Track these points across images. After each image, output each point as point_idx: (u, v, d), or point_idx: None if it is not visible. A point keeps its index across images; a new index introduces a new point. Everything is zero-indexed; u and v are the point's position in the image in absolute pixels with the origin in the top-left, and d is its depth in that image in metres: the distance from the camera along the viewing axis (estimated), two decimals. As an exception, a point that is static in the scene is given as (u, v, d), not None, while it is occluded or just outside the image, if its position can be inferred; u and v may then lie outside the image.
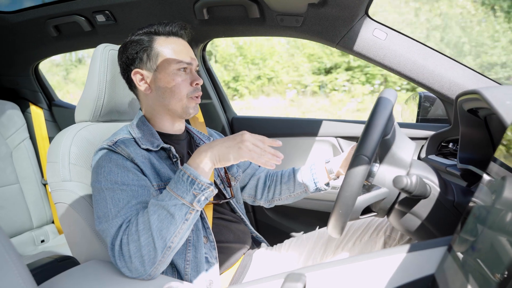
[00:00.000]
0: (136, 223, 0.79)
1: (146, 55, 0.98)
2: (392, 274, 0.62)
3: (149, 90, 0.99)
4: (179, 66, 0.97)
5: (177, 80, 0.97)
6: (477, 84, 1.22)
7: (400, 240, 1.03)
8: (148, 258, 0.77)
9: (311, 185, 1.15)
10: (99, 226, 0.85)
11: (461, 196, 0.77)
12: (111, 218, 0.82)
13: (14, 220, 1.82)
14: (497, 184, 0.53)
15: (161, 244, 0.77)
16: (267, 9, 1.33)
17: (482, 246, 0.50)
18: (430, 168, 0.81)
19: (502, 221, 0.47)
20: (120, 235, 0.79)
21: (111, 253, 0.79)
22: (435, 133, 1.40)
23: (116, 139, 0.94)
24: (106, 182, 0.86)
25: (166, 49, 0.98)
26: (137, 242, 0.77)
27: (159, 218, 0.77)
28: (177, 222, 0.77)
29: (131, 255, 0.77)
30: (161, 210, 0.77)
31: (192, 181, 0.78)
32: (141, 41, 0.99)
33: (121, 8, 1.45)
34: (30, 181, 1.94)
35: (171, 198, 0.78)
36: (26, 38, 1.74)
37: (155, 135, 0.99)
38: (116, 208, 0.83)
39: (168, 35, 1.00)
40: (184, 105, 0.99)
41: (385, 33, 1.26)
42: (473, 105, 0.84)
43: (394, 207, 0.80)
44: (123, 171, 0.87)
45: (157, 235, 0.76)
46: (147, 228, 0.77)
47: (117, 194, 0.84)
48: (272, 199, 1.23)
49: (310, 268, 0.66)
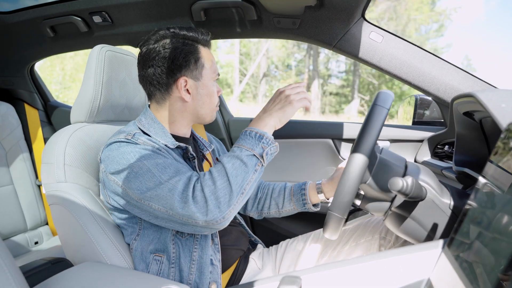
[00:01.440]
0: (210, 172, 0.83)
1: (193, 63, 0.97)
2: (388, 277, 0.62)
3: (189, 98, 0.98)
4: (215, 77, 1.03)
5: (214, 91, 1.02)
6: (473, 87, 1.22)
7: (395, 242, 1.03)
8: (224, 200, 0.80)
9: (299, 205, 1.15)
10: (151, 192, 0.82)
11: (457, 198, 0.77)
12: (165, 180, 0.82)
13: (7, 222, 1.80)
14: (493, 186, 0.53)
15: (237, 188, 0.81)
16: (264, 11, 1.33)
17: (478, 249, 0.50)
18: (426, 170, 0.82)
19: (497, 223, 0.47)
20: (190, 185, 0.81)
21: (183, 203, 0.79)
22: (431, 136, 1.41)
23: (132, 132, 0.93)
24: (142, 159, 0.85)
25: (209, 60, 1.01)
26: (213, 187, 0.80)
27: (233, 166, 0.82)
28: (249, 171, 0.83)
29: (207, 198, 0.79)
30: (235, 160, 0.82)
31: (260, 136, 0.85)
32: (190, 49, 0.97)
33: (117, 9, 1.45)
34: (25, 182, 1.92)
35: (242, 151, 0.84)
36: (22, 38, 1.73)
37: (167, 134, 0.98)
38: (166, 173, 0.83)
39: (205, 45, 1.02)
40: (213, 113, 1.05)
41: (381, 36, 1.27)
42: (468, 108, 0.85)
43: (390, 210, 0.80)
44: (152, 154, 0.87)
45: (233, 179, 0.81)
46: (222, 174, 0.81)
47: (160, 164, 0.84)
48: (261, 212, 1.22)
49: (305, 271, 0.66)
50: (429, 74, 1.26)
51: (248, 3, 1.31)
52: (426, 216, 0.77)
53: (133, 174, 0.84)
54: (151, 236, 0.93)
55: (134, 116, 1.23)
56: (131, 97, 1.17)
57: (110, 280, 0.78)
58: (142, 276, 0.85)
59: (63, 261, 1.05)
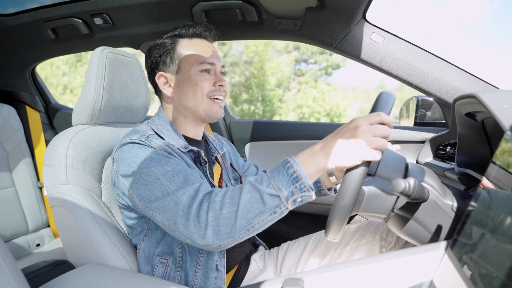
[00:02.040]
0: (223, 194, 0.74)
1: (169, 58, 0.98)
2: (391, 279, 0.62)
3: (173, 93, 0.99)
4: (201, 67, 0.96)
5: (199, 81, 0.96)
6: (475, 87, 1.22)
7: (396, 243, 1.03)
8: (224, 230, 0.72)
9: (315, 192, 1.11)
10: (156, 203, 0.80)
11: (460, 199, 0.77)
12: (172, 191, 0.78)
13: (9, 224, 1.80)
14: (495, 187, 0.53)
15: (243, 224, 0.72)
16: (265, 13, 1.33)
17: (482, 250, 0.49)
18: (428, 171, 0.81)
19: (501, 224, 0.47)
20: (197, 202, 0.75)
21: (185, 219, 0.74)
22: (433, 137, 1.40)
23: (146, 134, 0.91)
24: (152, 165, 0.82)
25: (189, 51, 0.97)
26: (218, 212, 0.72)
27: (250, 199, 0.71)
28: (265, 211, 0.71)
29: (208, 222, 0.72)
30: (255, 193, 0.71)
31: (296, 178, 0.69)
32: (164, 44, 0.99)
33: (118, 11, 1.45)
34: (26, 185, 1.92)
35: (269, 186, 0.71)
36: (24, 40, 1.73)
37: (180, 136, 0.98)
38: (174, 183, 0.79)
39: (192, 37, 0.99)
40: (206, 107, 0.97)
41: (383, 37, 1.27)
42: (470, 109, 0.84)
43: (393, 211, 0.80)
44: (164, 158, 0.84)
45: (242, 214, 0.71)
46: (234, 203, 0.72)
47: (169, 173, 0.81)
48: None
49: (308, 273, 0.66)
50: (431, 75, 1.25)
51: (249, 5, 1.31)
52: (428, 218, 0.76)
53: (142, 181, 0.82)
54: (159, 237, 0.92)
55: (135, 118, 1.23)
56: (132, 99, 1.17)
57: (112, 282, 0.78)
58: (145, 278, 0.85)
59: (65, 263, 1.05)
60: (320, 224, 1.62)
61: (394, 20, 20.35)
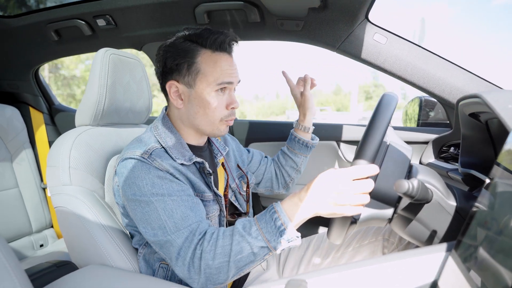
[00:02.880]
0: (215, 242, 0.76)
1: (185, 69, 0.88)
2: (393, 281, 0.61)
3: (181, 105, 0.92)
4: (219, 87, 0.89)
5: (213, 103, 0.89)
6: (478, 88, 1.22)
7: (398, 244, 1.03)
8: (217, 278, 0.76)
9: (305, 150, 1.23)
10: (154, 238, 0.80)
11: (464, 200, 0.76)
12: (171, 230, 0.78)
13: (13, 224, 1.81)
14: (500, 188, 0.52)
15: (234, 271, 0.76)
16: (267, 14, 1.33)
17: (486, 252, 0.49)
18: (432, 172, 0.81)
19: (506, 225, 0.46)
20: (192, 247, 0.76)
21: (180, 263, 0.76)
22: (436, 137, 1.40)
23: (149, 150, 0.86)
24: (152, 194, 0.80)
25: (209, 67, 0.88)
26: (210, 262, 0.74)
27: (241, 251, 0.74)
28: (255, 260, 0.75)
29: (201, 270, 0.75)
30: (245, 244, 0.74)
31: (283, 230, 0.72)
32: (185, 52, 0.88)
33: (121, 13, 1.45)
34: (30, 185, 1.93)
35: (258, 238, 0.74)
36: (27, 42, 1.74)
37: (185, 146, 0.93)
38: (173, 219, 0.79)
39: (215, 50, 0.89)
40: (216, 127, 0.93)
41: (386, 37, 1.26)
42: (474, 109, 0.84)
43: (396, 213, 0.80)
44: (166, 183, 0.82)
45: (233, 264, 0.75)
46: (225, 254, 0.74)
47: (168, 205, 0.80)
48: (286, 184, 1.28)
49: (311, 274, 0.66)
50: (434, 75, 1.25)
51: (251, 5, 1.31)
52: (432, 219, 0.76)
53: (140, 209, 0.82)
54: None
55: (138, 119, 1.24)
56: (135, 100, 1.18)
57: (115, 283, 0.78)
58: (148, 279, 0.85)
59: (68, 264, 1.05)
60: (324, 225, 1.62)
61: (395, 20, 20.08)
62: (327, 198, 0.70)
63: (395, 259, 0.64)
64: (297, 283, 0.54)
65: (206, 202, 0.92)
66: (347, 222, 0.75)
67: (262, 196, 1.72)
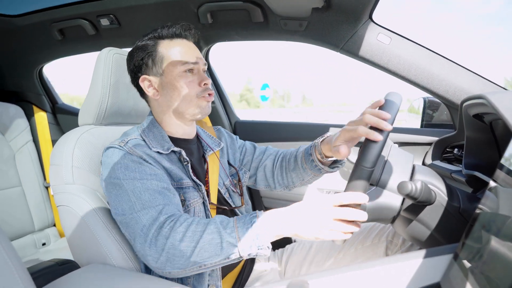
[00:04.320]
0: (188, 226, 0.77)
1: (151, 60, 0.97)
2: (396, 282, 0.61)
3: (157, 95, 0.98)
4: (185, 67, 0.96)
5: (184, 82, 0.95)
6: (483, 89, 1.21)
7: (401, 245, 1.02)
8: (178, 262, 0.76)
9: (317, 172, 1.05)
10: (121, 216, 0.83)
11: (467, 202, 0.76)
12: (138, 209, 0.81)
13: (15, 223, 1.82)
14: (504, 190, 0.52)
15: (196, 260, 0.76)
16: (270, 14, 1.33)
17: (489, 254, 0.49)
18: (435, 174, 0.81)
19: (509, 228, 0.46)
20: (156, 225, 0.78)
21: (142, 239, 0.78)
22: (440, 139, 1.39)
23: (126, 139, 0.94)
24: (124, 177, 0.85)
25: (170, 52, 0.96)
26: (177, 242, 0.75)
27: (211, 241, 0.75)
28: (220, 255, 0.75)
29: (165, 249, 0.76)
30: (217, 236, 0.75)
31: (256, 235, 0.74)
32: (145, 47, 0.98)
33: (125, 12, 1.46)
34: (33, 184, 1.94)
35: (231, 234, 0.75)
36: (31, 41, 1.75)
37: (165, 138, 0.98)
38: (140, 200, 0.82)
39: (172, 38, 0.98)
40: (195, 105, 0.97)
41: (389, 37, 1.26)
42: (478, 110, 0.83)
43: (399, 214, 0.79)
44: (139, 166, 0.87)
45: (198, 252, 0.75)
46: (194, 239, 0.75)
47: (137, 188, 0.83)
48: (288, 187, 1.17)
49: (313, 276, 0.66)
50: (438, 76, 1.24)
51: (254, 5, 1.31)
52: (435, 220, 0.75)
53: (114, 192, 0.86)
54: None
55: (141, 118, 1.24)
56: (138, 100, 1.18)
57: (116, 282, 0.78)
58: (149, 279, 0.85)
59: (70, 263, 1.05)
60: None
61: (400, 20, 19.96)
62: (307, 222, 0.72)
63: (397, 260, 0.64)
64: (299, 285, 0.54)
65: (185, 189, 0.95)
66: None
67: (265, 197, 1.72)
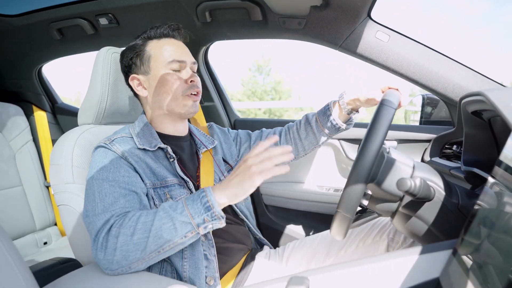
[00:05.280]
0: (137, 219, 0.77)
1: (139, 60, 1.00)
2: (396, 278, 0.61)
3: (147, 93, 1.02)
4: (171, 66, 0.98)
5: (170, 80, 0.98)
6: (481, 86, 1.21)
7: (403, 243, 1.02)
8: (135, 255, 0.76)
9: (333, 130, 1.11)
10: (85, 219, 0.84)
11: (466, 198, 0.76)
12: (98, 212, 0.82)
13: (17, 222, 1.82)
14: (502, 186, 0.52)
15: (153, 247, 0.76)
16: (269, 12, 1.33)
17: (487, 250, 0.49)
18: (434, 170, 0.81)
19: (508, 224, 0.46)
20: (107, 227, 0.78)
21: (94, 245, 0.79)
22: (439, 136, 1.40)
23: (114, 137, 0.96)
24: (97, 177, 0.87)
25: (157, 50, 0.99)
26: (128, 237, 0.75)
27: (162, 226, 0.75)
28: (176, 236, 0.76)
29: (117, 247, 0.75)
30: (168, 220, 0.76)
31: (208, 207, 0.76)
32: (134, 47, 1.02)
33: (124, 11, 1.45)
34: (33, 183, 1.94)
35: (182, 213, 0.76)
36: (30, 41, 1.75)
37: (154, 135, 1.00)
38: (103, 203, 0.83)
39: (160, 38, 1.01)
40: (181, 104, 0.99)
41: (388, 35, 1.26)
42: (477, 107, 0.84)
43: (398, 210, 0.80)
44: (115, 167, 0.89)
45: (152, 239, 0.75)
46: (145, 230, 0.75)
47: (104, 189, 0.85)
48: (297, 156, 1.20)
49: (313, 272, 0.66)
50: (437, 73, 1.25)
51: (253, 4, 1.31)
52: (434, 217, 0.76)
53: (87, 189, 0.88)
54: None
55: (140, 117, 1.24)
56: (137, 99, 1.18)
57: (118, 280, 0.78)
58: (150, 276, 0.85)
59: (72, 262, 1.06)
60: (327, 224, 1.62)
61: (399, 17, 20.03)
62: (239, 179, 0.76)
63: (397, 256, 0.64)
64: (299, 280, 0.54)
65: (171, 187, 0.95)
66: (349, 218, 0.75)
67: (265, 194, 1.72)
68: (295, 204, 1.65)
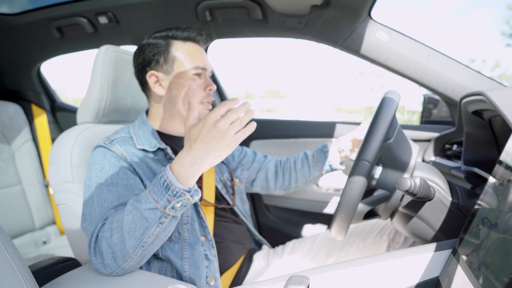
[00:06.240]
0: (111, 221, 0.77)
1: (163, 58, 1.00)
2: (396, 277, 0.61)
3: (163, 92, 1.01)
4: (195, 71, 0.99)
5: (192, 85, 0.99)
6: (482, 85, 1.21)
7: (403, 243, 1.02)
8: (120, 255, 0.75)
9: (326, 167, 1.18)
10: (82, 224, 0.84)
11: (466, 198, 0.76)
12: (93, 217, 0.81)
13: (16, 221, 1.82)
14: (502, 186, 0.52)
15: (133, 243, 0.74)
16: (269, 11, 1.33)
17: (487, 249, 0.49)
18: (434, 170, 0.81)
19: (508, 223, 0.46)
20: (95, 233, 0.78)
21: (88, 251, 0.78)
22: (439, 135, 1.39)
23: (113, 137, 0.95)
24: (96, 180, 0.86)
25: (183, 54, 0.99)
26: (109, 240, 0.75)
27: (133, 219, 0.73)
28: (150, 225, 0.73)
29: (103, 251, 0.75)
30: (136, 212, 0.73)
31: (167, 186, 0.70)
32: (158, 44, 1.01)
33: (123, 10, 1.45)
34: (33, 183, 1.94)
35: (147, 201, 0.72)
36: (29, 39, 1.74)
37: (154, 135, 1.00)
38: (101, 208, 0.82)
39: (186, 40, 1.02)
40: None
41: (388, 34, 1.26)
42: (477, 107, 0.84)
43: (398, 210, 0.80)
44: (114, 169, 0.88)
45: (128, 235, 0.73)
46: (119, 227, 0.74)
47: (103, 194, 0.84)
48: (289, 187, 1.25)
49: (313, 271, 0.66)
50: (437, 73, 1.24)
51: (253, 3, 1.30)
52: (434, 216, 0.76)
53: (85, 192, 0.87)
54: None
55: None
56: (137, 98, 1.18)
57: (117, 279, 0.78)
58: (149, 275, 0.85)
59: (72, 261, 1.06)
60: (327, 224, 1.62)
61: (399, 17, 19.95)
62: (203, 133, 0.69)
63: (397, 256, 0.64)
64: (299, 279, 0.54)
65: None
66: (349, 217, 0.75)
67: (265, 195, 1.72)
68: (295, 204, 1.65)
